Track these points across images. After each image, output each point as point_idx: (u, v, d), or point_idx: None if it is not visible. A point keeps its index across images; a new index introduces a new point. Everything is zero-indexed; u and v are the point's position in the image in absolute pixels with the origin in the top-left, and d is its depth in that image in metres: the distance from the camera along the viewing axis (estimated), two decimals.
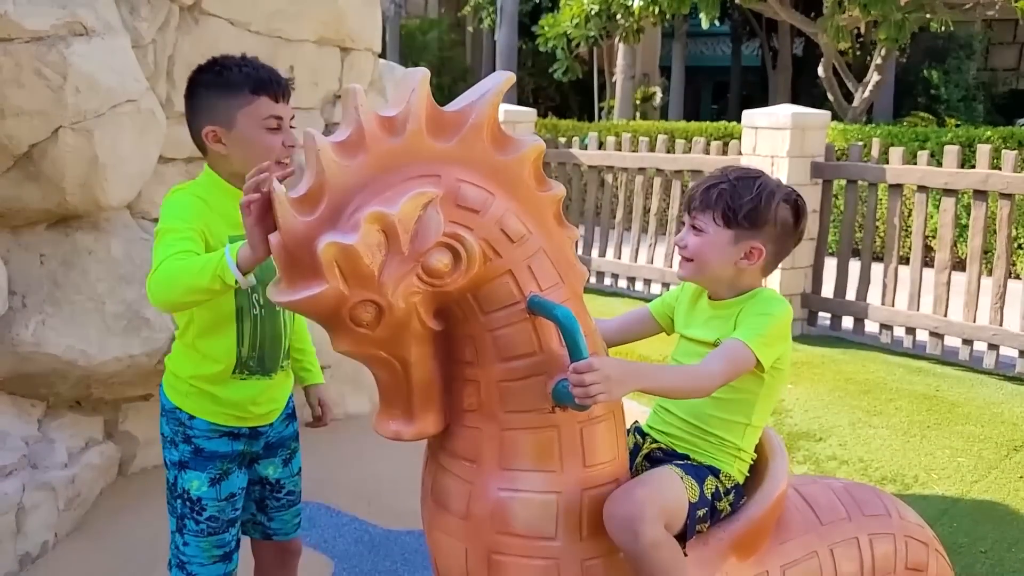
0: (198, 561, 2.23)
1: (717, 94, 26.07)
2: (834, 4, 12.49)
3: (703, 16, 13.65)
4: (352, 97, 1.59)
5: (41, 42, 2.93)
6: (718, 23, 20.36)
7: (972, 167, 6.07)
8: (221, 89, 2.12)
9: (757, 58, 22.68)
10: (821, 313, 6.82)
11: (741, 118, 7.05)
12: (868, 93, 13.80)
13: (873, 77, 13.67)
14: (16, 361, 3.17)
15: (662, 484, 1.78)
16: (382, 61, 5.09)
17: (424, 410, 1.73)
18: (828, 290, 6.80)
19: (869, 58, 14.96)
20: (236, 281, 1.80)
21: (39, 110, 2.95)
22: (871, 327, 6.53)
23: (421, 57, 21.03)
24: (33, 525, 3.10)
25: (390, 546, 3.36)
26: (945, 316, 6.02)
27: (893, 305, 6.35)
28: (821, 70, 13.90)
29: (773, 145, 6.54)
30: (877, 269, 6.52)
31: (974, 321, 5.89)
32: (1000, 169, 5.84)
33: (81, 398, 3.50)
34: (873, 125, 12.60)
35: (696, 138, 7.66)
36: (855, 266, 6.71)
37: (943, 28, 13.16)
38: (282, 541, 2.45)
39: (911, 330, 6.23)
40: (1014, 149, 6.93)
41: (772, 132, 6.55)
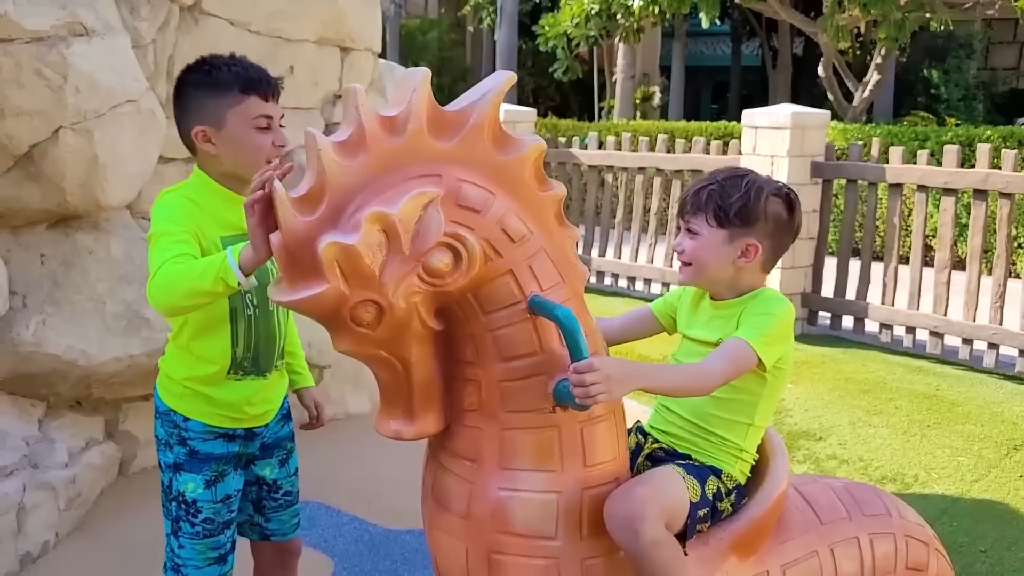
0: (193, 564, 2.21)
1: (717, 94, 26.06)
2: (834, 4, 12.48)
3: (703, 16, 13.63)
4: (353, 97, 1.59)
5: (41, 42, 2.93)
6: (718, 23, 20.35)
7: (972, 166, 6.07)
8: (210, 89, 2.10)
9: (757, 58, 22.66)
10: (821, 312, 6.82)
11: (741, 118, 7.05)
12: (868, 92, 13.79)
13: (873, 76, 13.66)
14: (16, 361, 3.18)
15: (663, 483, 1.78)
16: (382, 61, 5.09)
17: (425, 410, 1.73)
18: (828, 289, 6.80)
19: (869, 57, 14.95)
20: (239, 283, 1.80)
21: (39, 110, 2.95)
22: (871, 326, 6.53)
23: (421, 57, 21.02)
24: (34, 525, 3.10)
25: (390, 546, 3.36)
26: (945, 315, 6.02)
27: (893, 304, 6.35)
28: (821, 70, 13.89)
29: (773, 145, 6.54)
30: (877, 268, 6.53)
31: (974, 320, 5.90)
32: (1000, 168, 5.84)
33: (81, 398, 3.50)
34: (873, 124, 12.60)
35: (696, 138, 7.66)
36: (855, 265, 6.71)
37: (943, 27, 13.15)
38: (281, 541, 2.44)
39: (911, 329, 6.23)
40: (1014, 148, 6.94)
41: (772, 132, 6.55)
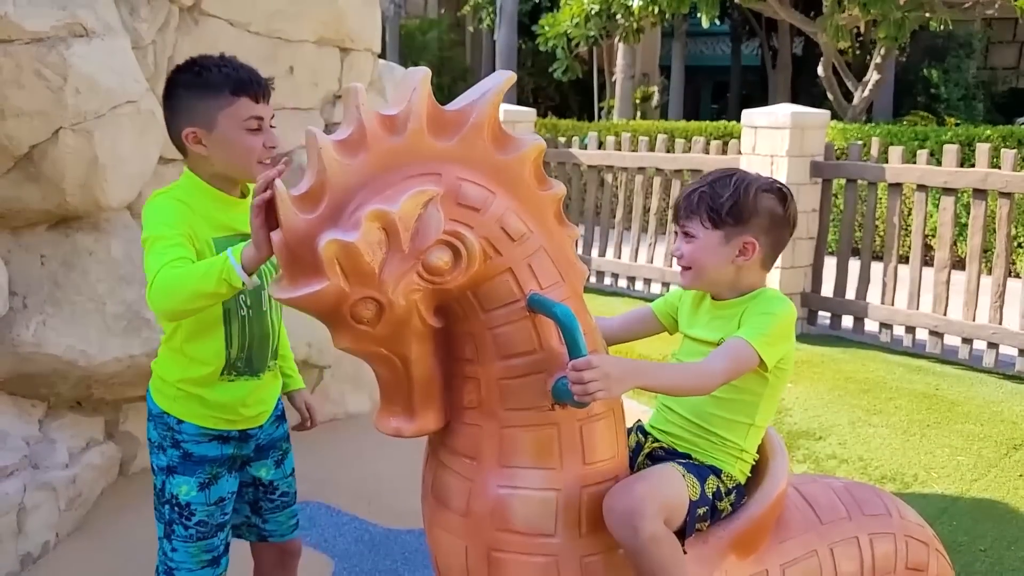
0: (187, 567, 2.19)
1: (717, 94, 26.06)
2: (834, 3, 12.49)
3: (703, 15, 13.64)
4: (353, 96, 1.60)
5: (41, 43, 2.93)
6: (718, 22, 20.37)
7: (971, 166, 6.07)
8: (201, 90, 2.08)
9: (757, 57, 22.66)
10: (821, 312, 6.82)
11: (741, 117, 7.05)
12: (868, 92, 13.79)
13: (873, 76, 13.67)
14: (17, 361, 3.18)
15: (663, 480, 1.78)
16: (382, 61, 5.09)
17: (424, 407, 1.73)
18: (828, 289, 6.80)
19: (869, 57, 14.95)
20: (243, 283, 1.79)
21: (39, 111, 2.95)
22: (871, 326, 6.54)
23: (421, 57, 21.02)
24: (34, 525, 3.10)
25: (390, 545, 3.36)
26: (945, 315, 6.03)
27: (893, 304, 6.35)
28: (821, 69, 13.89)
29: (773, 144, 6.54)
30: (877, 268, 6.53)
31: (973, 320, 5.90)
32: (999, 168, 5.85)
33: (82, 398, 3.50)
34: (873, 124, 12.60)
35: (696, 138, 7.67)
36: (855, 265, 6.72)
37: (942, 27, 13.16)
38: (280, 542, 2.43)
39: (911, 329, 6.23)
40: (1013, 148, 6.93)
41: (772, 131, 6.55)
